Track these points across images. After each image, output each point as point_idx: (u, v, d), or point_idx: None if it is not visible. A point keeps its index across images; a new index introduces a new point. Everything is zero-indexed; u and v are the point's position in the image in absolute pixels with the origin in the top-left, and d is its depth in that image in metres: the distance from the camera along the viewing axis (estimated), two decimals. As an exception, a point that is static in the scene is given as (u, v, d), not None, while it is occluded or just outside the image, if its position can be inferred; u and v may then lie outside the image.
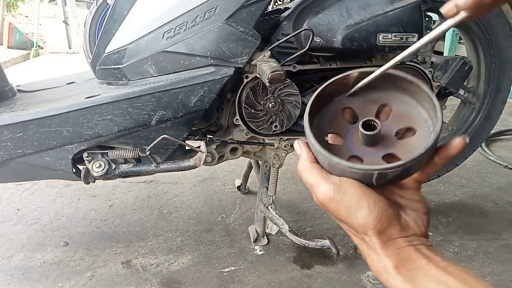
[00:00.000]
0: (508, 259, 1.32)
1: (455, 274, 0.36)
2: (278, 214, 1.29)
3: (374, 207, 0.39)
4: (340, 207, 0.40)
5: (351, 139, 0.45)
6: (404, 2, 1.06)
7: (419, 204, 0.44)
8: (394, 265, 0.39)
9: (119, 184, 1.79)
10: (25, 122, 0.97)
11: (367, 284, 1.20)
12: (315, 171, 0.43)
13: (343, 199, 0.40)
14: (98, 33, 3.02)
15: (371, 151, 0.44)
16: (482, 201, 1.69)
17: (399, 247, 0.40)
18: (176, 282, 1.20)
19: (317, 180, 0.42)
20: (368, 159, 0.43)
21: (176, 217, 1.55)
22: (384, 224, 0.40)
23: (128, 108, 0.99)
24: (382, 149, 0.43)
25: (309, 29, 1.03)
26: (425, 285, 0.37)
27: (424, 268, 0.38)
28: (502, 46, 1.38)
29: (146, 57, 1.06)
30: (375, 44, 1.06)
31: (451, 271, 0.36)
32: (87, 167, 1.07)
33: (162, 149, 1.08)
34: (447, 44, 3.82)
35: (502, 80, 1.44)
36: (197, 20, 1.02)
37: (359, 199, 0.40)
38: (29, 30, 6.67)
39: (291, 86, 1.13)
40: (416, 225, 0.41)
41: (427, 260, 0.38)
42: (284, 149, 1.23)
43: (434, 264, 0.38)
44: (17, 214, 1.56)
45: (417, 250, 0.39)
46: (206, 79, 1.01)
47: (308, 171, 0.43)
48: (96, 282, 1.19)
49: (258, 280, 1.21)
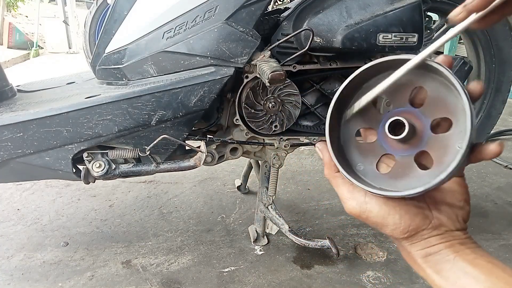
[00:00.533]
0: (508, 259, 1.32)
1: (482, 265, 0.37)
2: (278, 214, 1.29)
3: (400, 222, 0.40)
4: (368, 222, 0.42)
5: (383, 133, 0.41)
6: (404, 2, 1.06)
7: (457, 195, 0.43)
8: (423, 259, 0.41)
9: (119, 184, 1.79)
10: (25, 122, 0.97)
11: (367, 284, 1.20)
12: (340, 183, 0.43)
13: (369, 217, 0.41)
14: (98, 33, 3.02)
15: (404, 147, 0.41)
16: (482, 201, 1.69)
17: (429, 245, 0.41)
18: (176, 282, 1.20)
19: (343, 194, 0.43)
20: (401, 158, 0.41)
21: (176, 217, 1.55)
22: (412, 232, 0.41)
23: (128, 108, 0.99)
24: (415, 146, 0.40)
25: (309, 29, 1.03)
26: (452, 277, 0.38)
27: (451, 261, 0.39)
28: (502, 46, 1.38)
29: (146, 57, 1.05)
30: (375, 44, 1.06)
31: (477, 263, 0.37)
32: (87, 167, 1.07)
33: (162, 149, 1.08)
34: (447, 44, 3.81)
35: (502, 80, 1.44)
36: (197, 20, 1.02)
37: (384, 217, 0.40)
38: (29, 30, 6.67)
39: (291, 86, 1.13)
40: (450, 221, 0.41)
41: (455, 254, 0.39)
42: (284, 149, 1.23)
43: (461, 257, 0.38)
44: (17, 214, 1.56)
45: (448, 245, 0.40)
46: (206, 79, 1.01)
47: (334, 181, 0.44)
48: (96, 282, 1.19)
49: (258, 280, 1.21)
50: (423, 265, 0.41)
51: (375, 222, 0.41)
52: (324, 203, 1.67)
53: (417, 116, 0.40)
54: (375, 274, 1.24)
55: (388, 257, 1.32)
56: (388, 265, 1.28)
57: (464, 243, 0.40)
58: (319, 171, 1.99)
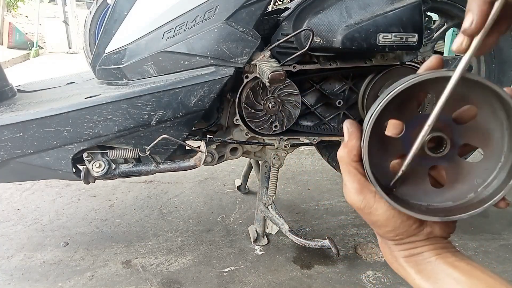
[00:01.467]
0: (508, 259, 1.32)
1: (462, 267, 0.38)
2: (278, 214, 1.29)
3: (399, 226, 0.40)
4: (366, 217, 0.41)
5: (410, 133, 0.38)
6: (404, 2, 1.06)
7: None
8: (405, 259, 0.42)
9: (119, 184, 1.79)
10: (25, 122, 0.97)
11: (367, 284, 1.20)
12: (353, 172, 0.41)
13: (371, 216, 0.40)
14: (98, 33, 3.02)
15: (424, 155, 0.38)
16: (482, 201, 1.69)
17: (414, 247, 0.41)
18: (176, 282, 1.20)
19: (351, 184, 0.40)
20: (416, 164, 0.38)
21: (176, 217, 1.55)
22: (404, 236, 0.41)
23: (128, 108, 0.99)
24: (435, 160, 0.38)
25: (309, 29, 1.03)
26: (433, 278, 0.39)
27: (433, 263, 0.40)
28: (502, 46, 1.37)
29: (146, 57, 1.05)
30: (375, 44, 1.05)
31: (458, 265, 0.38)
32: (87, 167, 1.07)
33: (162, 149, 1.08)
34: (447, 44, 3.81)
35: (502, 80, 1.44)
36: (197, 20, 1.02)
37: (386, 220, 0.40)
38: (29, 30, 6.67)
39: (291, 86, 1.13)
40: (441, 231, 0.41)
41: (436, 257, 0.39)
42: (284, 149, 1.23)
43: (443, 259, 0.39)
44: (17, 214, 1.56)
45: (431, 248, 0.40)
46: (206, 79, 1.01)
47: (346, 167, 0.41)
48: (96, 282, 1.19)
49: (258, 280, 1.21)
50: (404, 264, 0.42)
51: (374, 221, 0.40)
52: (324, 203, 1.67)
53: (453, 132, 0.38)
54: (375, 274, 1.24)
55: (388, 257, 1.32)
56: (388, 265, 1.28)
57: (446, 247, 0.41)
58: (319, 171, 1.99)
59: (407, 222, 0.40)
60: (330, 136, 1.24)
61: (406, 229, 0.40)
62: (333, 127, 1.27)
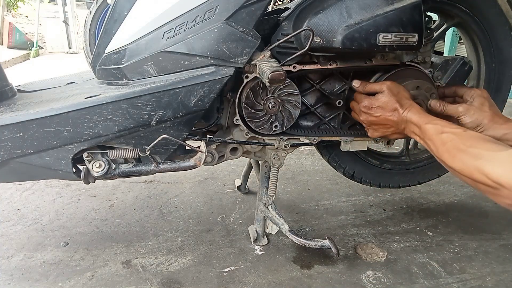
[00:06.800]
0: (508, 259, 1.32)
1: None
2: (278, 214, 1.29)
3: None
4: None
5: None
6: (404, 2, 1.06)
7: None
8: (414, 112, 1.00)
9: (119, 184, 1.79)
10: (25, 122, 0.97)
11: (367, 284, 1.20)
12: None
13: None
14: (98, 33, 3.02)
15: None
16: (482, 201, 1.69)
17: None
18: (176, 282, 1.20)
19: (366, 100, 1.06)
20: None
21: (176, 217, 1.55)
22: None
23: (128, 108, 0.99)
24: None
25: (309, 29, 1.03)
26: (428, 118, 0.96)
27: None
28: (502, 46, 1.37)
29: (146, 57, 1.05)
30: (375, 44, 1.06)
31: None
32: (87, 167, 1.07)
33: (162, 149, 1.08)
34: (447, 44, 3.82)
35: (502, 80, 1.43)
36: (197, 20, 1.02)
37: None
38: (29, 30, 6.67)
39: (291, 86, 1.13)
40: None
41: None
42: (284, 149, 1.23)
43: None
44: (17, 214, 1.56)
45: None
46: (206, 79, 1.01)
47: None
48: (96, 282, 1.19)
49: (258, 280, 1.21)
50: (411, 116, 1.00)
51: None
52: (324, 203, 1.67)
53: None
54: (375, 274, 1.24)
55: (388, 257, 1.32)
56: (388, 265, 1.28)
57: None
58: (319, 171, 1.99)
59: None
60: (330, 136, 1.24)
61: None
62: (333, 127, 1.28)
